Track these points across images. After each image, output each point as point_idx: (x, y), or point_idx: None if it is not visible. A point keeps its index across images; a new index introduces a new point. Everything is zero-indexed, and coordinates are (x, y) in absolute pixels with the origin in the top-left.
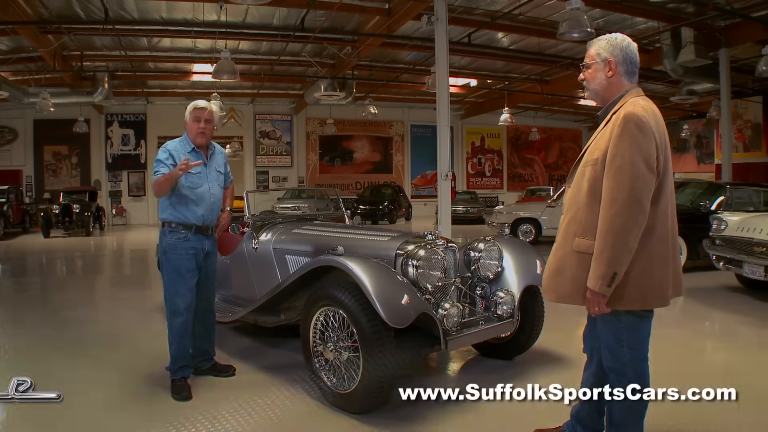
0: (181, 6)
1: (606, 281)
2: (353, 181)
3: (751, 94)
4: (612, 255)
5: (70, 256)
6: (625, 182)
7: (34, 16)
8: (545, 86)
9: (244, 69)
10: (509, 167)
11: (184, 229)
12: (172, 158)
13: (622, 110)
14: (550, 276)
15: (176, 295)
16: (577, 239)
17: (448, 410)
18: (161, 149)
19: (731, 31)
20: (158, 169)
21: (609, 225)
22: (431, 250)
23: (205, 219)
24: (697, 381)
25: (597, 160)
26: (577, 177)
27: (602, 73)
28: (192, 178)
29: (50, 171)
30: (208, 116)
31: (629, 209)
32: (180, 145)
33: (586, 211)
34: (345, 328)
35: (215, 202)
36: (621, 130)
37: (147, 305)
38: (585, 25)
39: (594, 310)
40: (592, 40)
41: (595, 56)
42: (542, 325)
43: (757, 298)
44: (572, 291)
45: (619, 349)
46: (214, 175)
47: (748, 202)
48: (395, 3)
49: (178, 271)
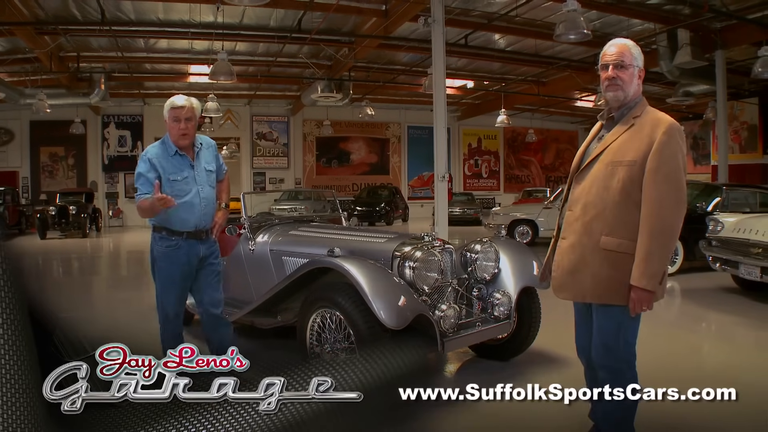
0: (177, 7)
1: (658, 279)
2: (350, 183)
3: (747, 95)
4: (664, 254)
5: (67, 258)
6: (674, 187)
7: (31, 17)
8: (542, 88)
9: (241, 70)
10: (506, 169)
11: (174, 237)
12: (153, 169)
13: (663, 120)
14: (564, 275)
15: (166, 304)
16: (605, 237)
17: (446, 411)
18: (141, 158)
19: (727, 32)
20: (140, 187)
21: (661, 226)
22: (428, 251)
23: (198, 225)
24: (694, 381)
25: (634, 162)
26: (599, 175)
27: (636, 78)
28: (178, 185)
29: (47, 172)
30: (187, 114)
31: (679, 212)
32: (161, 149)
33: (616, 210)
34: (342, 329)
35: (207, 206)
36: (669, 138)
37: (144, 306)
38: (581, 26)
39: (642, 308)
40: (617, 40)
41: (631, 59)
42: (539, 326)
43: (754, 299)
44: (593, 289)
45: (616, 345)
46: (204, 176)
47: (744, 203)
48: (392, 4)
49: (170, 278)
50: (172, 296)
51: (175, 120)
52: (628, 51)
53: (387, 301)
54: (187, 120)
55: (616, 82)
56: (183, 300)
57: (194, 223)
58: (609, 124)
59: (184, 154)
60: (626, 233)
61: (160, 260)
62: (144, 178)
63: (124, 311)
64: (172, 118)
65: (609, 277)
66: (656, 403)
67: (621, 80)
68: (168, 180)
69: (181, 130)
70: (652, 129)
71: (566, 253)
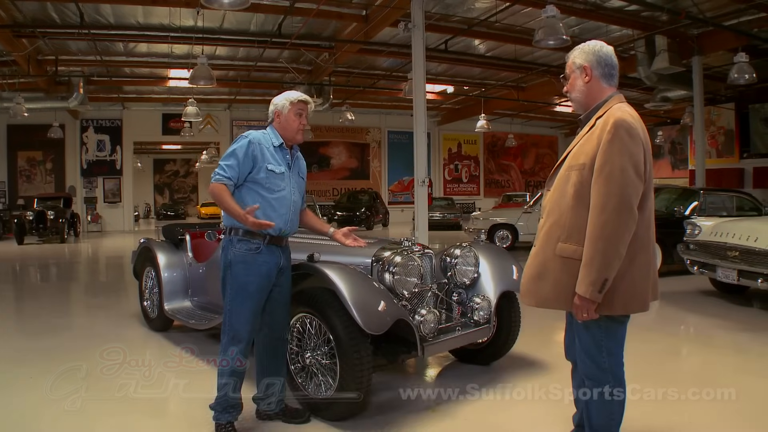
0: (157, 11)
1: (597, 287)
2: (330, 188)
3: (723, 101)
4: (604, 261)
5: (44, 263)
6: (616, 189)
7: (8, 20)
8: (521, 93)
9: (221, 75)
10: (486, 173)
11: (256, 239)
12: (250, 155)
13: (611, 116)
14: (530, 281)
15: (239, 319)
16: (561, 244)
17: (425, 417)
18: (241, 139)
19: (704, 39)
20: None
21: (600, 231)
22: (408, 256)
23: (283, 228)
24: (674, 383)
25: (584, 165)
26: (559, 181)
27: (580, 80)
28: (274, 178)
29: (24, 177)
30: (308, 112)
31: (620, 215)
32: (264, 138)
33: (570, 215)
34: (321, 334)
35: (295, 212)
36: (612, 135)
37: (123, 312)
38: (560, 32)
39: (583, 316)
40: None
41: (571, 65)
42: (519, 331)
43: (731, 302)
44: (554, 296)
45: (599, 356)
46: (296, 180)
47: (721, 207)
48: (372, 10)
49: (246, 290)
50: (247, 310)
51: (298, 114)
52: (569, 59)
53: (367, 306)
54: (306, 118)
55: (567, 94)
56: (259, 317)
57: (282, 224)
58: (581, 127)
59: (287, 150)
60: (581, 239)
61: (237, 265)
62: (236, 160)
63: (102, 318)
64: (296, 111)
65: (569, 284)
66: (643, 404)
67: (569, 90)
68: (266, 169)
69: (302, 125)
70: (602, 129)
71: (531, 260)
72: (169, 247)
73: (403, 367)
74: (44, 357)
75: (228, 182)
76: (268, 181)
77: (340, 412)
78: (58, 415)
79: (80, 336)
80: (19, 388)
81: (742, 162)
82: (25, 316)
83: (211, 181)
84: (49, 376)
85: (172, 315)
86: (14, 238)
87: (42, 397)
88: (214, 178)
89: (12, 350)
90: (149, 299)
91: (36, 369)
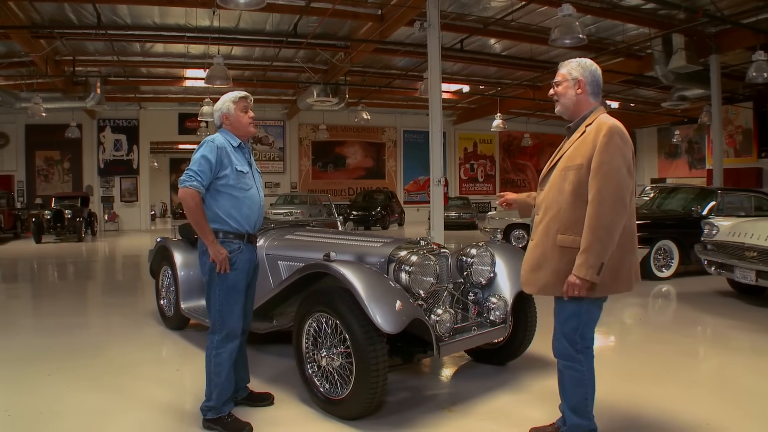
0: (173, 11)
1: (596, 270)
2: (346, 187)
3: (741, 99)
4: (601, 247)
5: (62, 262)
6: (612, 184)
7: (26, 21)
8: (537, 92)
9: (237, 74)
10: (502, 173)
11: (237, 239)
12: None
13: (604, 123)
14: (529, 271)
15: (231, 317)
16: (560, 235)
17: (441, 416)
18: (206, 144)
19: (722, 37)
20: (197, 172)
21: (598, 221)
22: (424, 255)
23: (257, 225)
24: (690, 385)
25: (581, 165)
26: (555, 180)
27: (572, 91)
28: (243, 178)
29: (42, 176)
30: (250, 104)
31: (615, 208)
32: (226, 140)
33: (569, 210)
34: (338, 334)
35: (262, 207)
36: (607, 139)
37: (139, 310)
38: (577, 31)
39: (575, 292)
40: (564, 62)
41: (566, 75)
42: (535, 331)
43: (749, 303)
44: (554, 282)
45: (574, 337)
46: (258, 177)
47: (740, 207)
48: (388, 9)
49: (236, 288)
50: (238, 307)
51: (244, 110)
52: (564, 68)
53: (383, 305)
54: (250, 109)
55: (554, 97)
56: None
57: (255, 220)
58: (569, 134)
59: (246, 148)
60: (579, 230)
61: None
62: (208, 164)
63: (118, 317)
64: (241, 108)
65: (568, 271)
66: (654, 404)
67: (557, 95)
68: (235, 170)
69: (251, 118)
70: (596, 134)
71: (530, 252)
72: (186, 246)
73: (419, 367)
74: (62, 354)
75: (201, 189)
76: (239, 182)
77: (356, 411)
78: (75, 412)
79: (97, 334)
80: (37, 385)
81: (760, 161)
82: (43, 314)
83: (181, 185)
84: (66, 373)
85: (189, 314)
86: (32, 236)
87: (60, 393)
88: (187, 184)
89: (30, 347)
90: (166, 298)
91: (54, 366)
